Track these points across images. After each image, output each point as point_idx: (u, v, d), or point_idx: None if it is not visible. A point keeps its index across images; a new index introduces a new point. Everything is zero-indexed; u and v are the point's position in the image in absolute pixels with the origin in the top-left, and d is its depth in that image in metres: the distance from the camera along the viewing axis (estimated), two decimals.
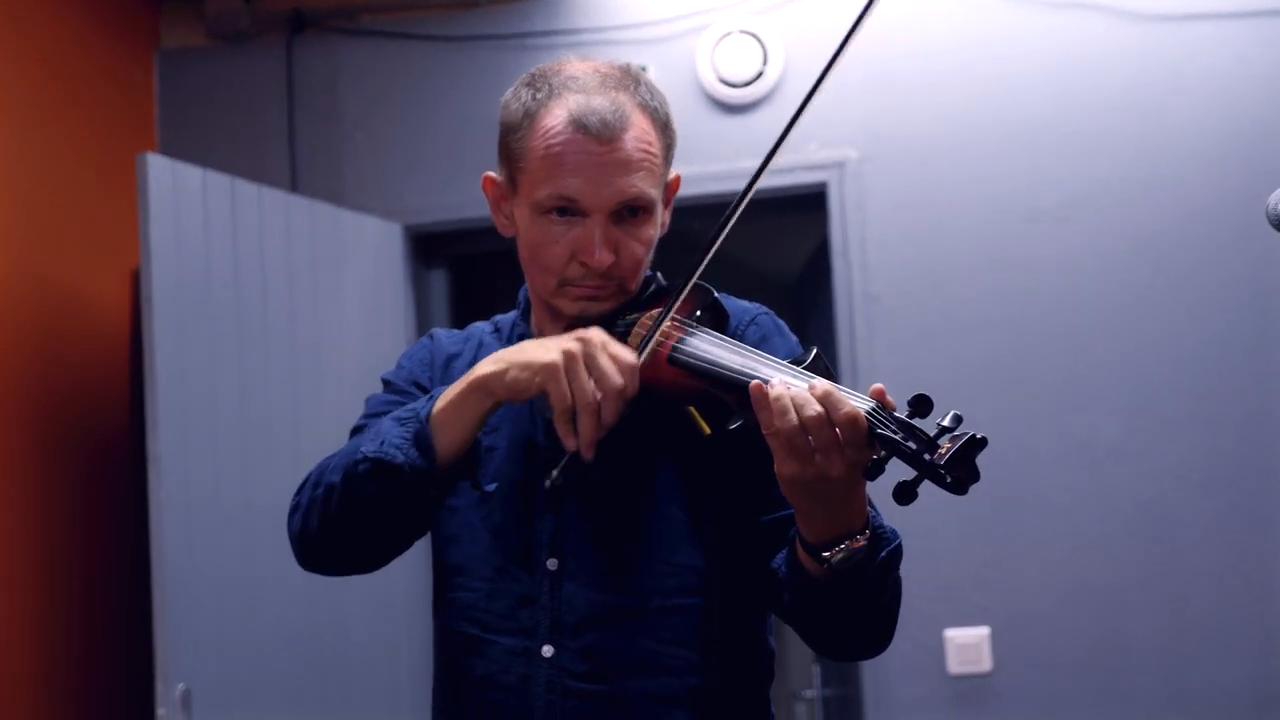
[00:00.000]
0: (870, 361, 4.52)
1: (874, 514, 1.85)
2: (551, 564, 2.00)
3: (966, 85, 4.61)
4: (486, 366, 1.91)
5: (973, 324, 4.54)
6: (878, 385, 1.71)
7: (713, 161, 4.58)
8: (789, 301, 5.58)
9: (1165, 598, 4.41)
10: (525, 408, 2.07)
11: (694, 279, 1.96)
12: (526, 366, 1.86)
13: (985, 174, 4.58)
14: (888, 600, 1.88)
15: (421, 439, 1.93)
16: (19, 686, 4.09)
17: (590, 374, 1.83)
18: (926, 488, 1.66)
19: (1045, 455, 4.44)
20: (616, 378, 1.83)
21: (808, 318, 5.18)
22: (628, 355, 1.86)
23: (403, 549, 2.08)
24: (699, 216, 4.42)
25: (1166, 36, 4.53)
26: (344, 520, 1.99)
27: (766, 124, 4.69)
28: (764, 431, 1.73)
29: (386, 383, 2.21)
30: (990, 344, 4.53)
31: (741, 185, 4.72)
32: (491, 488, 2.03)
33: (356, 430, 2.15)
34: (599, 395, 1.83)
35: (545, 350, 1.86)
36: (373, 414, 2.15)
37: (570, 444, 1.84)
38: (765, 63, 4.68)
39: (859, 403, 1.69)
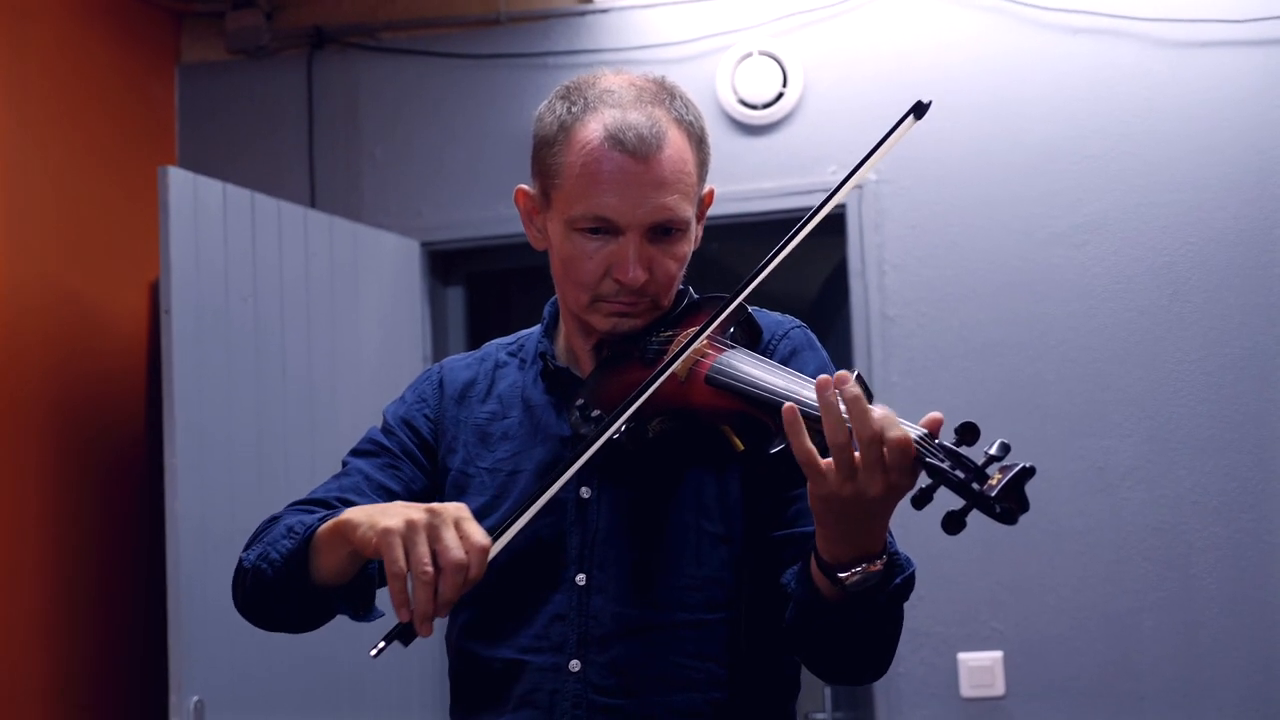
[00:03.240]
0: (887, 383, 4.52)
1: (890, 540, 1.82)
2: (580, 579, 2.00)
3: (985, 109, 4.62)
4: (355, 514, 1.86)
5: (989, 347, 4.54)
6: (936, 414, 1.67)
7: (732, 182, 4.59)
8: (806, 322, 5.57)
9: (1179, 623, 4.39)
10: (550, 427, 2.08)
11: (733, 305, 1.93)
12: (372, 526, 1.78)
13: (1003, 197, 4.58)
14: (891, 629, 1.87)
15: (293, 559, 1.94)
16: (34, 697, 4.09)
17: (432, 545, 1.74)
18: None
19: (1060, 479, 4.43)
20: (458, 553, 1.73)
21: (825, 339, 5.16)
22: (480, 536, 1.75)
23: (330, 619, 2.10)
24: (717, 238, 4.42)
25: (1186, 63, 4.53)
26: (258, 606, 2.06)
27: (786, 145, 4.70)
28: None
29: (385, 420, 2.21)
30: (1007, 367, 4.52)
31: (760, 206, 4.76)
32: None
33: (350, 454, 2.18)
34: (434, 570, 1.73)
35: (393, 515, 1.78)
36: (359, 450, 2.17)
37: (403, 615, 1.75)
38: (785, 84, 4.69)
39: (910, 432, 1.65)
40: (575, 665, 1.97)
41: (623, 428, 1.87)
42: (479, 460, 2.11)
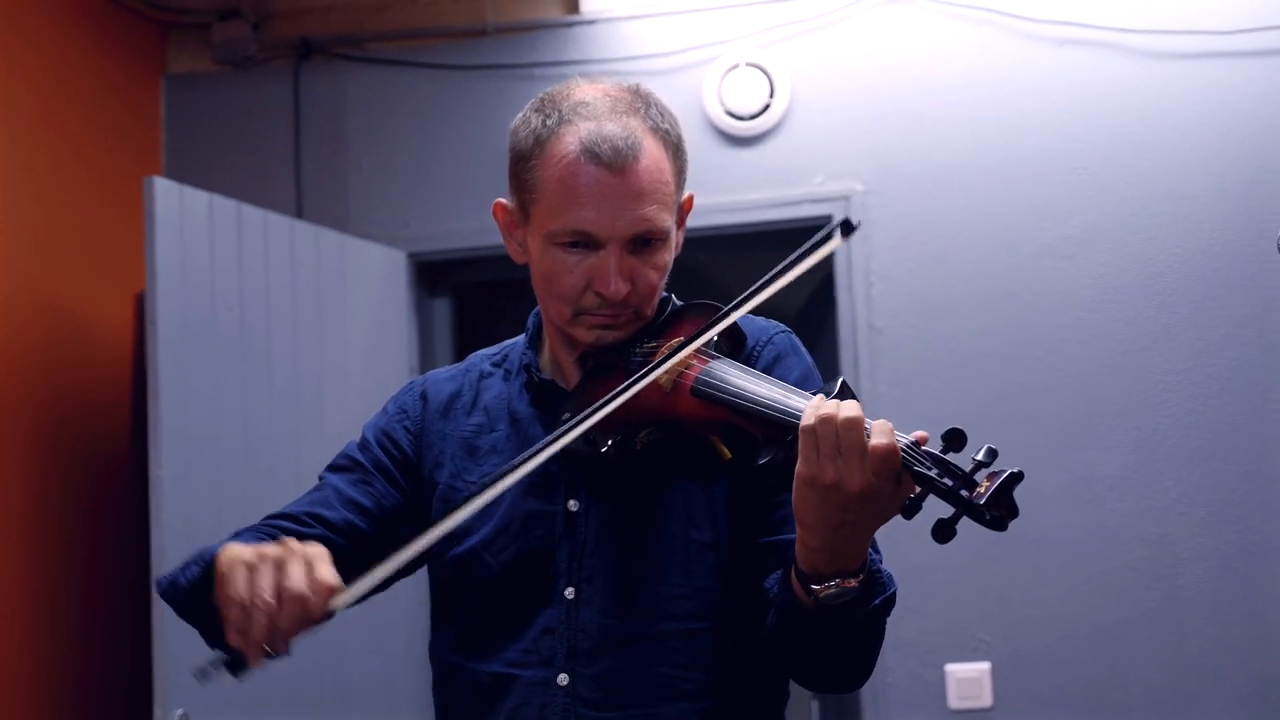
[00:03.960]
0: (873, 394, 4.51)
1: (875, 557, 1.81)
2: (569, 592, 1.99)
3: (974, 119, 4.62)
4: (231, 546, 1.86)
5: (977, 358, 4.54)
6: (921, 433, 1.68)
7: (718, 193, 4.59)
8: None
9: (1166, 635, 4.39)
10: (536, 440, 2.05)
11: (721, 327, 1.92)
12: (229, 558, 1.79)
13: (991, 208, 4.58)
14: (869, 643, 1.87)
15: (197, 587, 1.93)
16: (17, 709, 4.07)
17: (276, 575, 1.73)
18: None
19: (1048, 491, 4.43)
20: (300, 585, 1.71)
21: (811, 350, 5.15)
22: (328, 576, 1.74)
23: None
24: (704, 249, 4.43)
25: (1174, 74, 4.53)
26: (182, 614, 2.04)
27: (773, 156, 4.70)
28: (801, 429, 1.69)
29: (363, 435, 2.20)
30: (994, 378, 4.52)
31: (746, 218, 4.75)
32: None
33: (326, 469, 2.17)
34: (274, 600, 1.71)
35: (247, 550, 1.77)
36: (333, 466, 2.17)
37: (233, 639, 1.74)
38: (772, 95, 4.69)
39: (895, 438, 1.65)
40: (564, 679, 1.96)
41: (609, 442, 1.86)
42: (466, 474, 2.10)
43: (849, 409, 1.67)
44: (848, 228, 1.86)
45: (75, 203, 4.51)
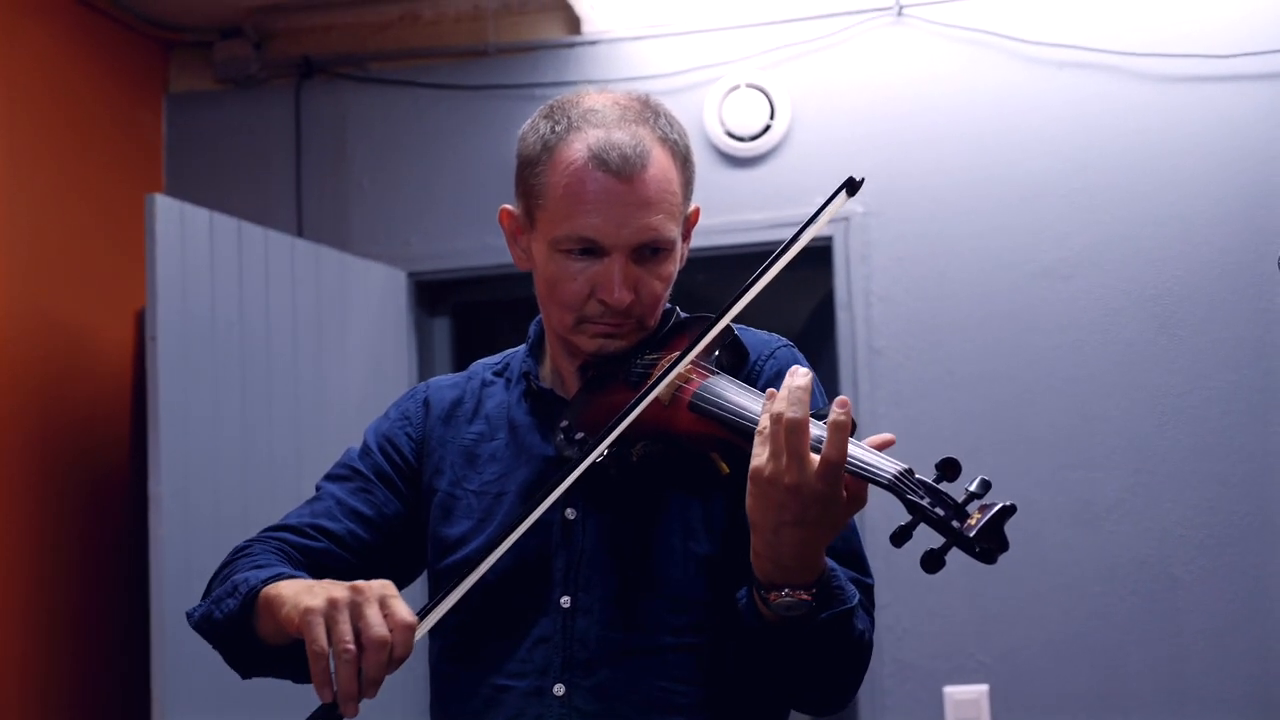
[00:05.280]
0: (873, 415, 4.51)
1: (833, 574, 1.80)
2: (565, 601, 1.97)
3: (974, 141, 4.63)
4: (284, 589, 1.84)
5: (976, 379, 4.54)
6: (886, 435, 1.69)
7: (719, 214, 4.59)
8: None
9: (1164, 657, 4.39)
10: (534, 448, 2.06)
11: (710, 335, 1.89)
12: (295, 606, 1.77)
13: (991, 229, 4.59)
14: (839, 660, 1.86)
15: (236, 620, 1.91)
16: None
17: (355, 623, 1.72)
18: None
19: (1046, 511, 4.43)
20: (382, 630, 1.71)
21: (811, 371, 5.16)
22: (405, 614, 1.73)
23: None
24: (704, 269, 4.42)
25: (1174, 97, 4.54)
26: (217, 647, 2.01)
27: (773, 177, 4.71)
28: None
29: (364, 440, 2.19)
30: (994, 399, 4.52)
31: (747, 238, 4.74)
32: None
33: (323, 478, 2.16)
34: (357, 648, 1.70)
35: (316, 594, 1.76)
36: (332, 475, 2.16)
37: (324, 695, 1.71)
38: (772, 117, 4.70)
39: (889, 466, 1.64)
40: (560, 689, 1.95)
41: (604, 453, 1.86)
42: (466, 482, 2.09)
43: (794, 412, 1.67)
44: (853, 186, 1.87)
45: (76, 220, 4.52)
